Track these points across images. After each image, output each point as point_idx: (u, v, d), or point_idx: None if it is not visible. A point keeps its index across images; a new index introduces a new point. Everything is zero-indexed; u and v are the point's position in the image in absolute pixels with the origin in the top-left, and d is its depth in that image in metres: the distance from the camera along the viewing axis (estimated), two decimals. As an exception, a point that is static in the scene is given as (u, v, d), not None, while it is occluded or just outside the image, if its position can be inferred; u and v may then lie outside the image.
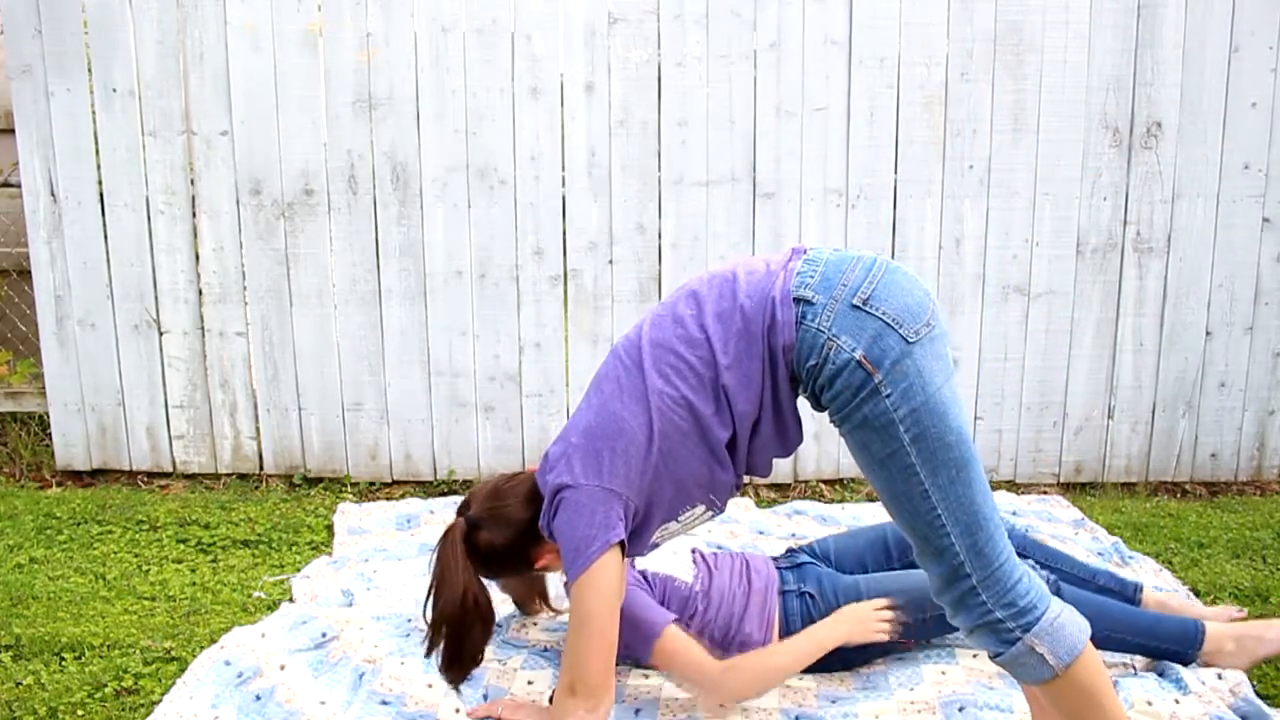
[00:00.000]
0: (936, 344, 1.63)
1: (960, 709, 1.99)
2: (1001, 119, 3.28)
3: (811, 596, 2.19)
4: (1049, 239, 3.34)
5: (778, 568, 2.30)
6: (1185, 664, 2.11)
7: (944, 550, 1.61)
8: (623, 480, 1.74)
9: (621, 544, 1.77)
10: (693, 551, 2.31)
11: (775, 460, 1.85)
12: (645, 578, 2.18)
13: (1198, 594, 2.57)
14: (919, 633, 2.15)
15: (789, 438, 1.78)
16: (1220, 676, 2.08)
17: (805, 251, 1.74)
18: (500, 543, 2.00)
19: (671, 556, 2.24)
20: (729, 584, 2.21)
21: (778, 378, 1.70)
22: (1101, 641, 2.06)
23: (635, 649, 2.05)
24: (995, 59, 3.25)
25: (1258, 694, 2.10)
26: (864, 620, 2.06)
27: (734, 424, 1.74)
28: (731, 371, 1.71)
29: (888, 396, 1.59)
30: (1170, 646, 2.11)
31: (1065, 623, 1.61)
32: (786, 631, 2.17)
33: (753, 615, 2.17)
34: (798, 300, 1.66)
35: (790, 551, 2.38)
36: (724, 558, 2.30)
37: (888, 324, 1.60)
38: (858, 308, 1.62)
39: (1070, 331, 3.39)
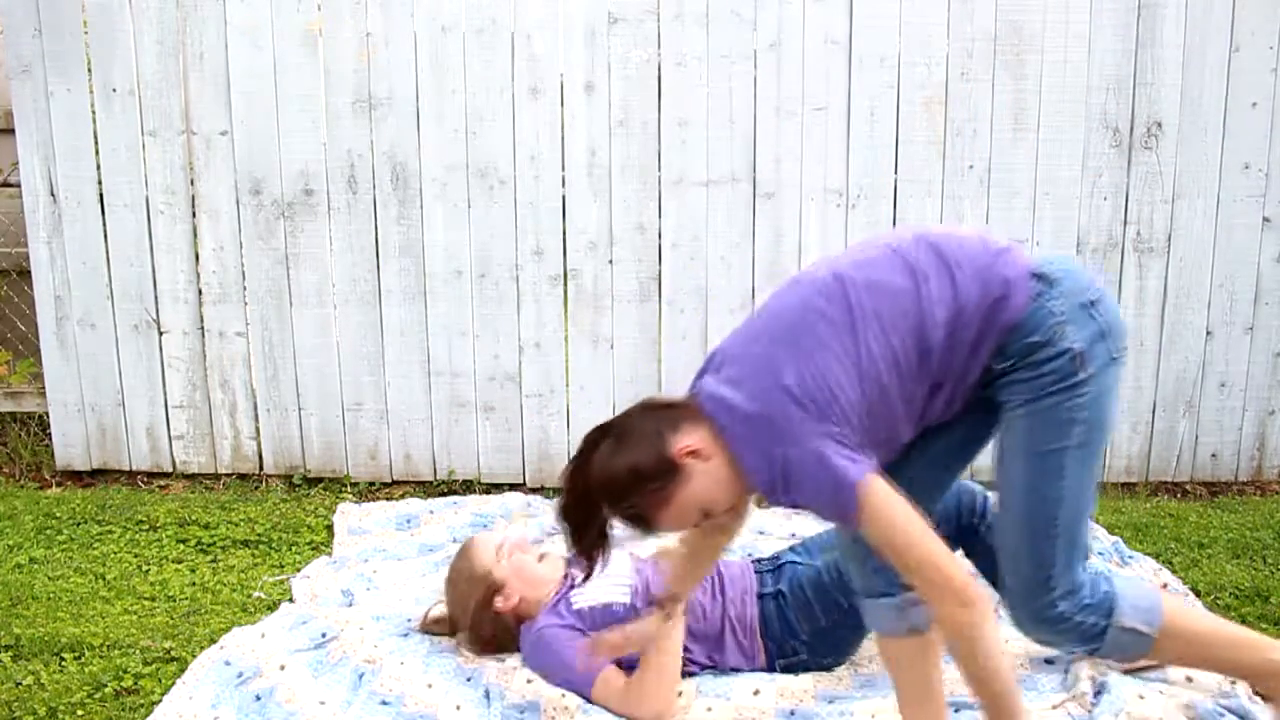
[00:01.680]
0: (1121, 371, 1.67)
1: (957, 710, 1.99)
2: (1001, 119, 3.27)
3: (783, 595, 2.22)
4: (1049, 239, 3.34)
5: (757, 571, 2.31)
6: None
7: (1043, 559, 1.63)
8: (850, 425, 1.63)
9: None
10: (635, 564, 2.30)
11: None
12: (580, 618, 2.17)
13: (1198, 594, 2.57)
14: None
15: (954, 411, 1.72)
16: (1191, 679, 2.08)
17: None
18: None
19: (603, 580, 2.18)
20: (701, 599, 2.22)
21: (981, 351, 1.66)
22: None
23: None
24: (995, 59, 3.24)
25: (1255, 693, 2.10)
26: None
27: (930, 382, 1.67)
28: (943, 331, 1.64)
29: (1081, 395, 1.61)
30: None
31: (1129, 587, 1.64)
32: (765, 635, 2.20)
33: (730, 632, 2.21)
34: (1039, 276, 1.65)
35: (775, 556, 2.39)
36: None
37: (1104, 331, 1.64)
38: (1086, 306, 1.64)
39: (1070, 331, 3.38)
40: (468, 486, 3.49)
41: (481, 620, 2.25)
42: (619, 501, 1.66)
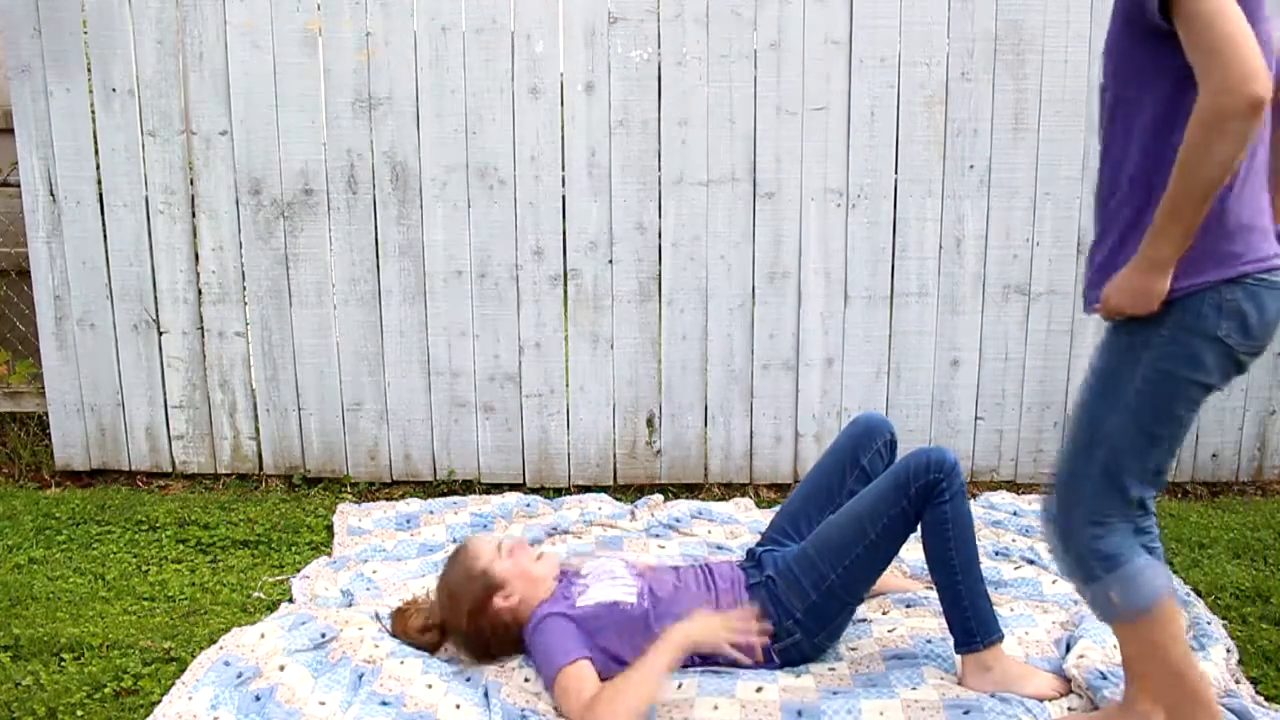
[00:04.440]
0: (1227, 362, 1.74)
1: (965, 712, 1.99)
2: (1002, 119, 3.27)
3: (771, 579, 2.24)
4: (1049, 239, 3.34)
5: (742, 568, 2.35)
6: (960, 648, 2.12)
7: (1076, 472, 1.81)
8: None
9: None
10: (630, 570, 2.29)
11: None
12: (585, 615, 2.17)
13: (1199, 594, 2.57)
14: (836, 580, 2.18)
15: None
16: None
17: None
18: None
19: (611, 582, 2.23)
20: (694, 590, 2.24)
21: None
22: (946, 559, 2.11)
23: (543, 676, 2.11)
24: (995, 59, 3.24)
25: (1259, 694, 2.10)
26: (712, 629, 2.07)
27: None
28: None
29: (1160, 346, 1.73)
30: (974, 622, 2.10)
31: (1145, 575, 1.77)
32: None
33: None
34: None
35: (749, 552, 2.44)
36: (685, 570, 2.32)
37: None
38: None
39: (1070, 331, 3.39)
40: (468, 486, 3.49)
41: (479, 621, 2.21)
42: None
